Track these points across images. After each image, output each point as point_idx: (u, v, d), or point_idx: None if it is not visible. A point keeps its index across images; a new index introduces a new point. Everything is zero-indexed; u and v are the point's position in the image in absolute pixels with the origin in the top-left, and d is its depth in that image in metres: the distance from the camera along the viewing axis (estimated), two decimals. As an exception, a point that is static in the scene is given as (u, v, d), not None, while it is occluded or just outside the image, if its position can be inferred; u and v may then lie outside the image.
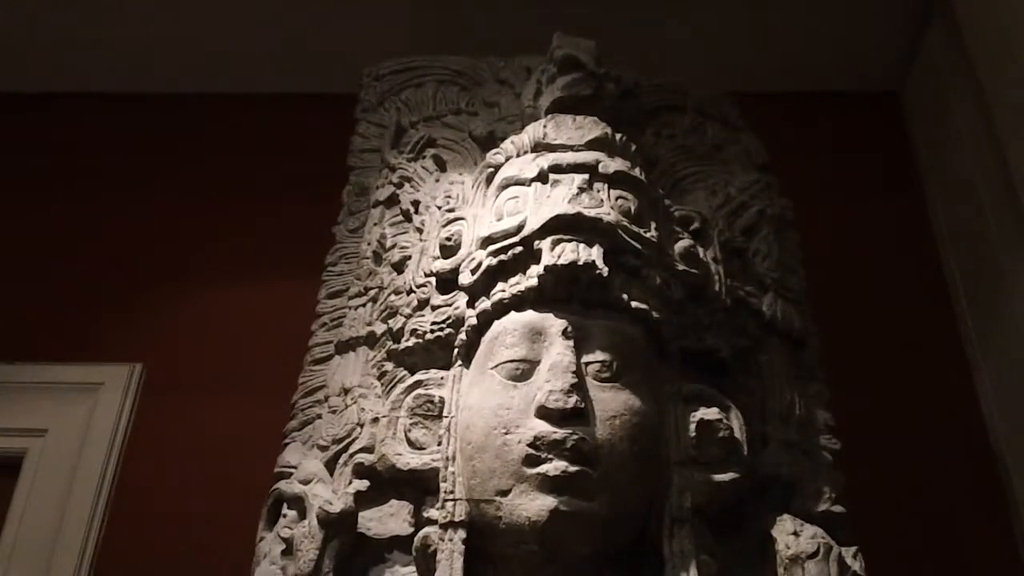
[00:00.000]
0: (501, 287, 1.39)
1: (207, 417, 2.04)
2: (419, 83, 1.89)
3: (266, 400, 1.78)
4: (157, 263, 2.28)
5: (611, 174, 1.46)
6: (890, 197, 2.37)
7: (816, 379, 1.57)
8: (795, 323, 1.59)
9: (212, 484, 1.93)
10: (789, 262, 1.67)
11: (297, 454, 1.48)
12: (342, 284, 1.70)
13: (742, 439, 1.35)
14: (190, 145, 2.46)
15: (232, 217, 2.31)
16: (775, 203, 1.73)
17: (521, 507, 1.24)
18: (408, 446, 1.35)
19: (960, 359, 2.14)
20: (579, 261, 1.35)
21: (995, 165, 2.09)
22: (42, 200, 2.39)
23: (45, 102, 2.53)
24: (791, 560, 1.28)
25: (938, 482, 1.96)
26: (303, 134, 2.39)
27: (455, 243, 1.48)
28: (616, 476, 1.26)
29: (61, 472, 1.99)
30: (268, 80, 2.50)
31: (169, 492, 1.96)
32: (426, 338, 1.44)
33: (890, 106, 2.51)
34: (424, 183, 1.69)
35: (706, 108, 1.88)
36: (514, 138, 1.57)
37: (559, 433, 1.24)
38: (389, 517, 1.36)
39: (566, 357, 1.30)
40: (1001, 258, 2.06)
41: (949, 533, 1.91)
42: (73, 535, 1.92)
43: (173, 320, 2.20)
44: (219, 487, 1.92)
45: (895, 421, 2.01)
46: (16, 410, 2.07)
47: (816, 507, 1.39)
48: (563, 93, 1.62)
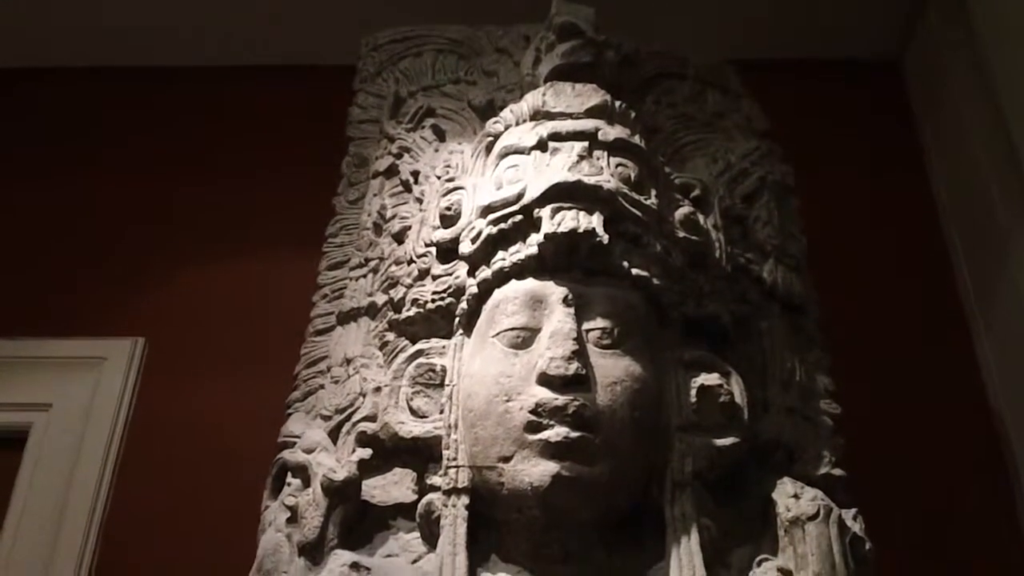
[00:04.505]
0: (501, 256, 1.39)
1: (210, 389, 2.05)
2: (417, 53, 1.88)
3: (268, 372, 1.79)
4: (158, 237, 2.28)
5: (611, 141, 1.45)
6: (891, 164, 2.37)
7: (816, 345, 1.57)
8: (796, 289, 1.59)
9: (216, 455, 1.95)
10: (790, 229, 1.67)
11: (300, 424, 1.49)
12: (343, 255, 1.70)
13: (743, 404, 1.35)
14: (190, 118, 2.45)
15: (232, 190, 2.31)
16: (776, 170, 1.72)
17: (523, 473, 1.24)
18: (410, 415, 1.36)
19: (960, 324, 2.15)
20: (579, 229, 1.35)
21: (996, 133, 2.09)
22: (44, 174, 2.38)
23: (45, 76, 2.52)
24: (791, 522, 1.28)
25: (938, 446, 1.97)
26: (302, 106, 2.39)
27: (455, 213, 1.48)
28: (617, 441, 1.27)
29: (66, 446, 2.00)
30: (266, 52, 2.49)
31: (173, 464, 1.97)
32: (427, 308, 1.44)
33: (892, 74, 2.50)
34: (423, 153, 1.68)
35: (706, 76, 1.87)
36: (513, 107, 1.56)
37: (560, 399, 1.25)
38: (393, 485, 1.37)
39: (567, 324, 1.30)
40: (1002, 225, 2.06)
41: (949, 496, 1.92)
42: (79, 507, 1.93)
43: (175, 293, 2.21)
44: (223, 458, 1.93)
45: (895, 386, 2.02)
46: (20, 385, 2.08)
47: (816, 471, 1.40)
48: (562, 61, 1.61)
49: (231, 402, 2.01)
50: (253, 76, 2.49)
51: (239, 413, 1.97)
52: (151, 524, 1.90)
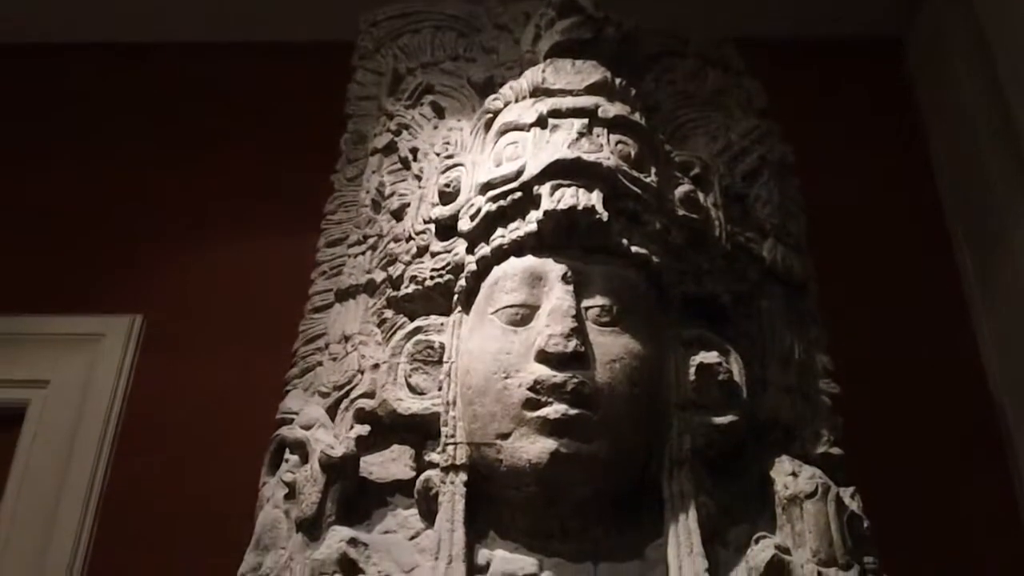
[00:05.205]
0: (500, 233, 1.39)
1: (208, 367, 2.04)
2: (416, 29, 1.87)
3: (266, 349, 1.79)
4: (156, 214, 2.26)
5: (611, 119, 1.45)
6: (892, 143, 2.36)
7: (816, 324, 1.57)
8: (795, 268, 1.59)
9: (213, 432, 1.94)
10: (790, 208, 1.67)
11: (299, 400, 1.49)
12: (341, 232, 1.70)
13: (741, 382, 1.36)
14: (188, 96, 2.43)
15: (231, 167, 2.30)
16: (776, 149, 1.72)
17: (522, 450, 1.25)
18: (409, 391, 1.36)
19: (959, 302, 2.14)
20: (578, 206, 1.35)
21: (997, 111, 2.08)
22: (42, 152, 2.37)
23: (41, 53, 2.50)
24: (789, 500, 1.29)
25: (937, 425, 1.97)
26: (300, 83, 2.37)
27: (454, 189, 1.47)
28: (616, 419, 1.27)
29: (64, 423, 2.00)
30: (265, 29, 2.47)
31: (171, 441, 1.97)
32: (425, 285, 1.44)
33: (893, 52, 2.49)
34: (422, 130, 1.67)
35: (707, 53, 1.86)
36: (513, 83, 1.56)
37: (559, 377, 1.25)
38: (391, 462, 1.37)
39: (566, 301, 1.30)
40: (1002, 203, 2.05)
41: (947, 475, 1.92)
42: (77, 484, 1.93)
43: (173, 271, 2.20)
44: (220, 435, 1.93)
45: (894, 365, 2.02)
46: (18, 361, 2.07)
47: (815, 450, 1.40)
48: (562, 37, 1.60)
49: (229, 379, 2.01)
50: (251, 52, 2.47)
51: (237, 390, 1.97)
52: (149, 501, 1.90)
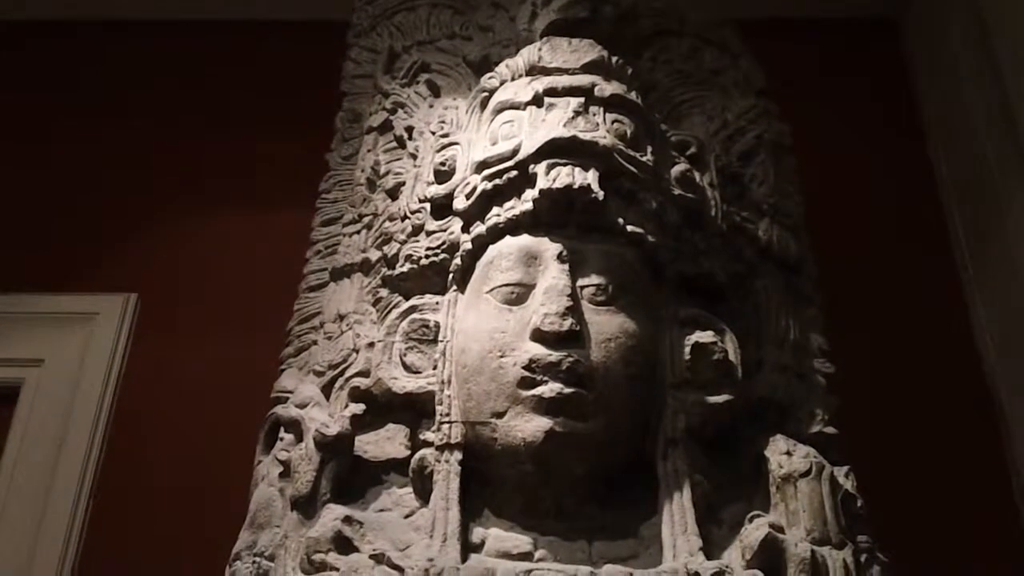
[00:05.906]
0: (496, 211, 1.39)
1: (202, 345, 2.04)
2: (412, 7, 1.86)
3: (261, 328, 1.79)
4: (150, 193, 2.26)
5: (607, 97, 1.44)
6: (888, 124, 2.36)
7: (811, 304, 1.57)
8: (791, 248, 1.59)
9: (208, 411, 1.94)
10: (786, 188, 1.66)
11: (293, 379, 1.48)
12: (336, 211, 1.69)
13: (736, 362, 1.36)
14: (183, 73, 2.42)
15: (226, 145, 2.29)
16: (772, 129, 1.72)
17: (516, 428, 1.25)
18: (403, 370, 1.36)
19: (955, 283, 2.15)
20: (574, 185, 1.35)
21: (995, 93, 2.07)
22: (36, 130, 2.36)
23: (37, 29, 2.48)
24: (783, 479, 1.29)
25: (932, 406, 1.98)
26: (295, 60, 2.36)
27: (449, 168, 1.47)
28: (611, 398, 1.27)
29: (58, 402, 2.00)
30: (260, 6, 2.46)
31: (166, 419, 1.97)
32: (421, 263, 1.44)
33: (890, 33, 2.48)
34: (418, 108, 1.67)
35: (704, 33, 1.85)
36: (509, 62, 1.55)
37: (554, 355, 1.25)
38: (386, 440, 1.37)
39: (561, 280, 1.30)
40: (999, 185, 2.05)
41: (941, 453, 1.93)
42: (71, 463, 1.93)
43: (168, 249, 2.19)
44: (215, 414, 1.93)
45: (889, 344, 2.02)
46: (12, 340, 2.07)
47: (809, 429, 1.40)
48: (558, 15, 1.60)
49: (223, 358, 2.01)
50: (247, 31, 2.46)
51: (231, 368, 1.97)
52: (143, 480, 1.90)
